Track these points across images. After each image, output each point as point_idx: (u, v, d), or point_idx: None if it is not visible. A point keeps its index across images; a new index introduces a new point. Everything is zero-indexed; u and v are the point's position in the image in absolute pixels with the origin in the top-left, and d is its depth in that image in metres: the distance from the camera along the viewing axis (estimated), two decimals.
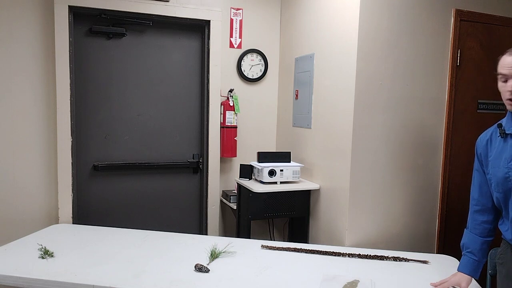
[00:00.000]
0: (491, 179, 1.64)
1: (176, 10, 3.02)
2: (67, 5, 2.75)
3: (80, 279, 1.84)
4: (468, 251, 1.74)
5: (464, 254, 1.75)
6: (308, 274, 1.97)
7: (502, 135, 1.58)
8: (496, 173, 1.60)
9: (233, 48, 3.31)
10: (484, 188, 1.71)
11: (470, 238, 1.74)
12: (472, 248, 1.73)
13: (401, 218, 2.62)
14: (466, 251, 1.75)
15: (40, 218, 2.85)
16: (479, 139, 1.73)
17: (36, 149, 2.82)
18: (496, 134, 1.64)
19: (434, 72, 2.60)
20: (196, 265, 1.97)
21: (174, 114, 3.21)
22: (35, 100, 2.79)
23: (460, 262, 1.78)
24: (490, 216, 1.71)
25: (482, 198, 1.72)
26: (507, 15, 2.74)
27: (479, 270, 1.73)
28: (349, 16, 2.48)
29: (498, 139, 1.61)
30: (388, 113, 2.52)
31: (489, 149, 1.65)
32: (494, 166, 1.61)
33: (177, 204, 3.29)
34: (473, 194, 1.77)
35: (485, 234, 1.72)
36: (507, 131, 1.57)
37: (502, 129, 1.59)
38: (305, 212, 2.93)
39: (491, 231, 1.72)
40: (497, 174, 1.59)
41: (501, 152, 1.58)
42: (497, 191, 1.61)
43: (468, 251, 1.74)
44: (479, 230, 1.73)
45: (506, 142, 1.57)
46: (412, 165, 2.61)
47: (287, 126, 3.33)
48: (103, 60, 3.00)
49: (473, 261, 1.72)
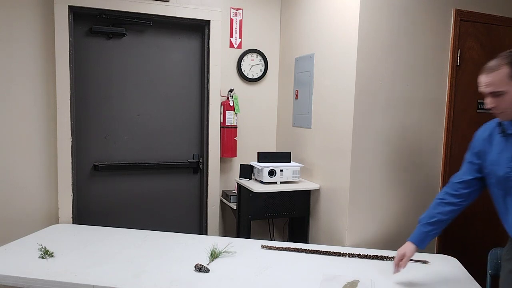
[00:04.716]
0: (490, 176, 1.67)
1: (176, 10, 3.02)
2: (67, 5, 2.75)
3: (80, 279, 1.84)
4: (422, 223, 1.83)
5: (417, 226, 1.85)
6: (308, 274, 1.98)
7: (503, 134, 1.60)
8: (496, 171, 1.62)
9: (233, 48, 3.32)
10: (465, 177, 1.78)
11: (428, 213, 1.84)
12: (425, 221, 1.82)
13: (401, 218, 2.62)
14: (420, 224, 1.84)
15: (40, 218, 2.85)
16: (477, 135, 1.76)
17: (36, 149, 2.82)
18: (496, 132, 1.65)
19: (434, 72, 2.60)
20: (196, 265, 1.97)
21: (174, 114, 3.21)
22: (35, 100, 2.79)
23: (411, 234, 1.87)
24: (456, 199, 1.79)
25: (459, 184, 1.79)
26: (507, 15, 2.74)
27: (426, 242, 1.82)
28: (349, 16, 2.48)
29: (498, 137, 1.63)
30: (388, 113, 2.52)
31: (489, 146, 1.67)
32: (495, 164, 1.63)
33: (177, 204, 3.29)
34: (453, 179, 1.84)
35: (443, 213, 1.80)
36: (508, 131, 1.59)
37: (503, 128, 1.60)
38: (305, 212, 2.93)
39: (451, 213, 1.80)
40: (497, 173, 1.61)
41: (503, 151, 1.60)
42: (498, 188, 1.64)
43: (421, 224, 1.83)
44: (440, 208, 1.81)
45: (508, 142, 1.59)
46: (412, 165, 2.61)
47: (287, 126, 3.33)
48: (103, 60, 3.00)
49: (422, 232, 1.82)
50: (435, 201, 1.85)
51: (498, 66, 1.48)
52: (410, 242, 1.84)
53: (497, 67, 1.48)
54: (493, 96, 1.51)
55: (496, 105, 1.51)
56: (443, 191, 1.86)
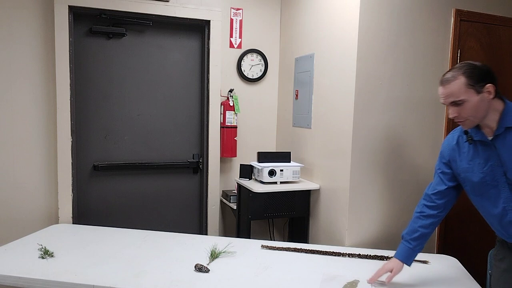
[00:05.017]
0: (465, 183, 1.73)
1: (176, 10, 3.02)
2: (67, 5, 2.75)
3: (80, 279, 1.84)
4: (406, 239, 1.85)
5: (402, 242, 1.86)
6: (308, 274, 1.98)
7: (470, 141, 1.67)
8: (470, 177, 1.68)
9: (233, 48, 3.32)
10: (439, 187, 1.83)
11: (410, 228, 1.86)
12: (409, 237, 1.83)
13: (401, 218, 2.62)
14: (404, 240, 1.86)
15: (40, 218, 2.85)
16: (444, 144, 1.83)
17: (36, 149, 2.82)
18: (462, 139, 1.72)
19: (434, 72, 2.60)
20: (196, 265, 1.97)
21: (174, 114, 3.21)
22: (35, 100, 2.79)
23: (396, 250, 1.87)
24: (435, 211, 1.83)
25: (434, 195, 1.83)
26: (507, 15, 2.74)
27: (412, 258, 1.84)
28: (349, 16, 2.48)
29: (466, 145, 1.70)
30: (388, 113, 2.52)
31: (458, 154, 1.74)
32: (468, 171, 1.69)
33: (177, 204, 3.29)
34: (426, 190, 1.89)
35: (425, 226, 1.82)
36: (474, 138, 1.65)
37: (469, 135, 1.67)
38: (305, 212, 2.93)
39: (432, 225, 1.83)
40: (472, 179, 1.68)
41: (474, 158, 1.67)
42: (474, 194, 1.71)
43: (405, 240, 1.85)
44: (421, 221, 1.83)
45: (476, 148, 1.66)
46: (411, 165, 2.61)
47: (287, 126, 3.33)
48: (103, 60, 3.00)
49: (407, 249, 1.83)
50: (415, 215, 1.87)
51: (454, 77, 1.56)
52: (397, 259, 1.84)
53: (454, 77, 1.56)
54: (454, 106, 1.57)
55: (458, 114, 1.58)
56: (420, 204, 1.88)
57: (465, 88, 1.54)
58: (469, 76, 1.54)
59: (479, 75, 1.55)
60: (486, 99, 1.54)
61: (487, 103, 1.55)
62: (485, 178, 1.62)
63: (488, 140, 1.61)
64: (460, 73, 1.55)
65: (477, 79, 1.54)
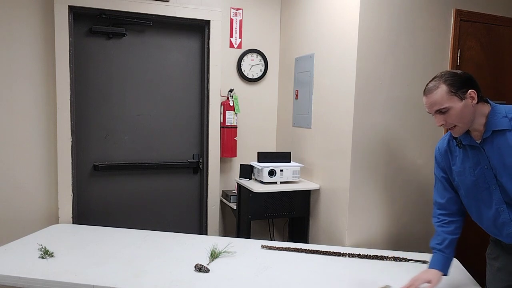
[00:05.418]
0: (459, 187, 1.75)
1: (176, 10, 3.02)
2: (67, 5, 2.75)
3: (80, 279, 1.84)
4: (438, 249, 1.82)
5: (435, 252, 1.83)
6: (308, 274, 1.98)
7: (460, 145, 1.70)
8: (463, 181, 1.71)
9: (233, 48, 3.31)
10: (447, 194, 1.82)
11: (438, 238, 1.83)
12: (441, 247, 1.81)
13: (401, 218, 2.62)
14: (436, 250, 1.83)
15: (40, 218, 2.85)
16: (437, 149, 1.84)
17: (36, 149, 2.82)
18: (453, 143, 1.74)
19: (434, 72, 2.56)
20: (196, 265, 1.97)
21: (174, 114, 3.21)
22: (35, 100, 2.79)
23: (430, 260, 1.84)
24: (454, 217, 1.83)
25: (447, 203, 1.83)
26: (507, 15, 2.74)
27: (449, 266, 1.81)
28: (349, 16, 2.48)
29: (457, 149, 1.72)
30: (388, 113, 2.52)
31: (450, 158, 1.76)
32: (461, 175, 1.71)
33: (177, 204, 3.29)
34: (436, 199, 1.87)
35: (451, 232, 1.81)
36: (463, 142, 1.68)
37: (459, 140, 1.70)
38: (305, 212, 2.93)
39: (457, 229, 1.83)
40: (465, 182, 1.70)
41: (464, 161, 1.69)
42: (468, 197, 1.72)
43: (438, 250, 1.82)
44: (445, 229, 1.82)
45: (467, 152, 1.68)
46: (412, 165, 2.61)
47: (287, 126, 3.33)
48: (103, 60, 3.00)
49: (442, 257, 1.80)
50: (436, 225, 1.86)
51: (436, 86, 1.59)
52: (434, 270, 1.77)
53: (436, 86, 1.59)
54: (440, 114, 1.60)
55: (445, 122, 1.60)
56: (435, 213, 1.87)
57: (447, 95, 1.57)
58: (451, 84, 1.57)
59: (460, 82, 1.57)
60: (470, 104, 1.57)
61: (472, 108, 1.58)
62: (477, 181, 1.65)
63: (477, 144, 1.63)
64: (441, 81, 1.58)
65: (458, 86, 1.57)
